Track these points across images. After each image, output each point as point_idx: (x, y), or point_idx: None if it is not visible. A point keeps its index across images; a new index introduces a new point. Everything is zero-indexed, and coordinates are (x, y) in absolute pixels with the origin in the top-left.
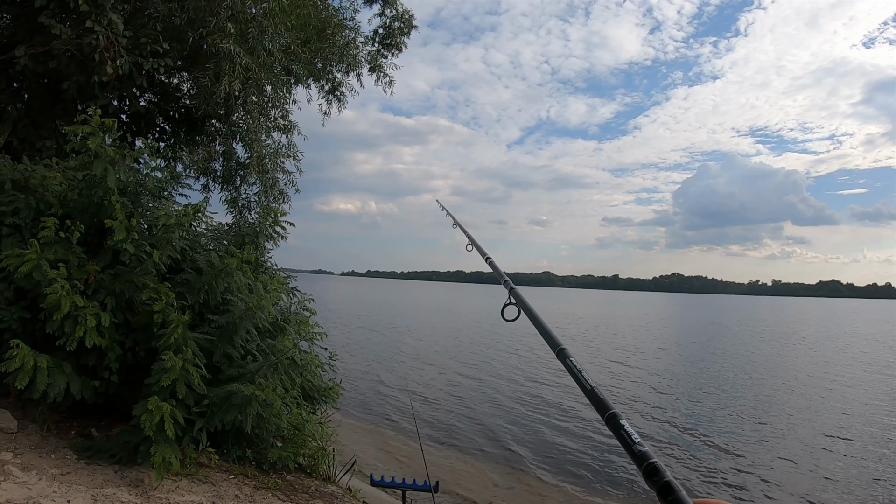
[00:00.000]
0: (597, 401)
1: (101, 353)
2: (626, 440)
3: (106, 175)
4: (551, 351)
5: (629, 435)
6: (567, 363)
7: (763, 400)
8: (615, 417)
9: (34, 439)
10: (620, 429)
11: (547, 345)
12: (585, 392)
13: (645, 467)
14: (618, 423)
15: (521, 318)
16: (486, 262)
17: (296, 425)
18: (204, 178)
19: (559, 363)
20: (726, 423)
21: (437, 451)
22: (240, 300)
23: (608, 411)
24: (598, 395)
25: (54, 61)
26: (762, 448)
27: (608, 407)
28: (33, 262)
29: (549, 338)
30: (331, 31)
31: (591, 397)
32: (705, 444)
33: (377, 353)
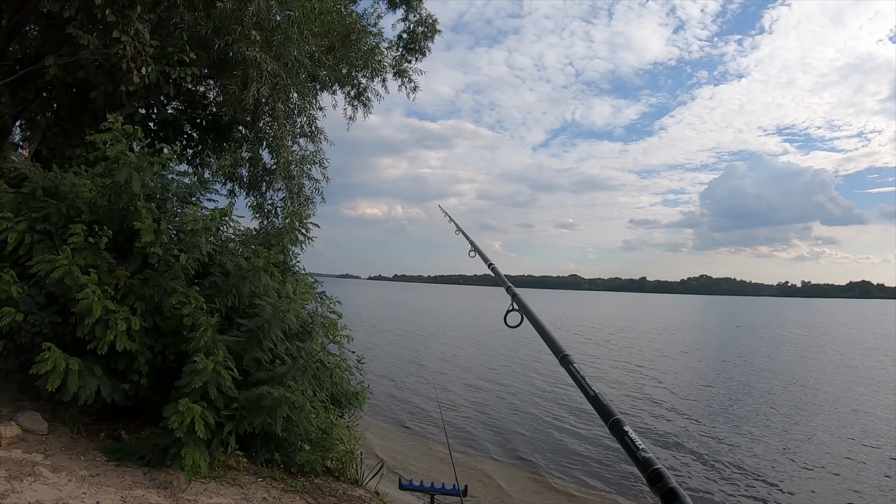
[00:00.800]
0: (600, 407)
1: (132, 356)
2: (629, 446)
3: (130, 181)
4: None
5: (633, 441)
6: (570, 369)
7: (789, 406)
8: (619, 424)
9: (64, 441)
10: (624, 435)
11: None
12: (589, 398)
13: (649, 473)
14: (621, 429)
15: (525, 324)
16: (489, 269)
17: (324, 429)
18: (230, 184)
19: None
20: (750, 430)
21: (465, 455)
22: (268, 303)
23: (612, 417)
24: (602, 402)
25: (82, 71)
26: (786, 458)
27: (612, 413)
28: (65, 268)
29: (552, 344)
30: (355, 37)
31: (594, 403)
32: (727, 453)
33: (404, 356)
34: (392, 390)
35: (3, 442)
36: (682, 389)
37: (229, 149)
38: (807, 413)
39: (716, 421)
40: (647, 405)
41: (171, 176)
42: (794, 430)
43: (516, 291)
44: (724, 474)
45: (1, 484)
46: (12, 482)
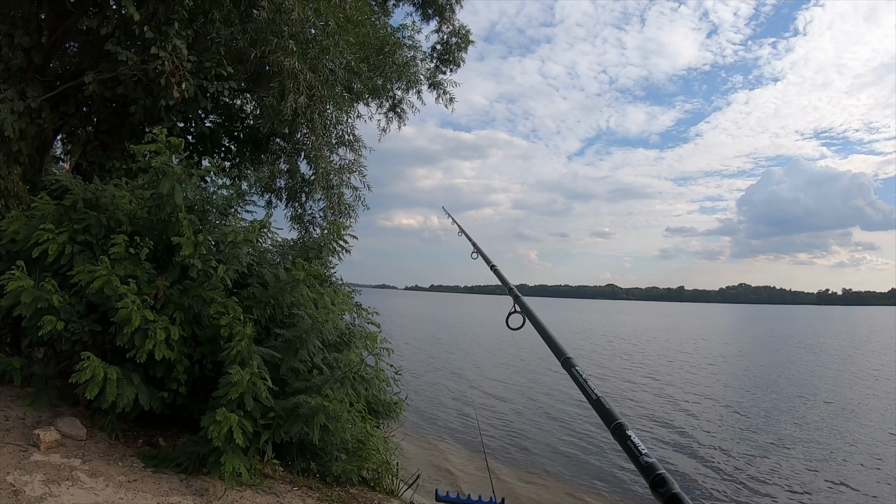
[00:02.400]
0: (602, 411)
1: (170, 365)
2: (632, 451)
3: (173, 192)
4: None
5: (636, 446)
6: (572, 372)
7: (824, 422)
8: (621, 428)
9: (102, 447)
10: (627, 439)
11: (553, 353)
12: (591, 402)
13: (652, 479)
14: (624, 433)
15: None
16: (491, 270)
17: (360, 438)
18: (268, 195)
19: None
20: (773, 444)
21: (502, 466)
22: (306, 314)
23: (614, 422)
24: (605, 405)
25: (121, 86)
26: (809, 474)
27: (614, 417)
28: (104, 278)
29: (555, 346)
30: (389, 49)
31: (597, 407)
32: (747, 466)
33: (441, 366)
34: (428, 401)
35: (42, 446)
36: (709, 401)
37: (267, 160)
38: (836, 428)
39: (738, 434)
40: (674, 417)
41: (211, 188)
42: (827, 446)
43: (518, 294)
44: (740, 486)
45: (39, 488)
46: (50, 486)
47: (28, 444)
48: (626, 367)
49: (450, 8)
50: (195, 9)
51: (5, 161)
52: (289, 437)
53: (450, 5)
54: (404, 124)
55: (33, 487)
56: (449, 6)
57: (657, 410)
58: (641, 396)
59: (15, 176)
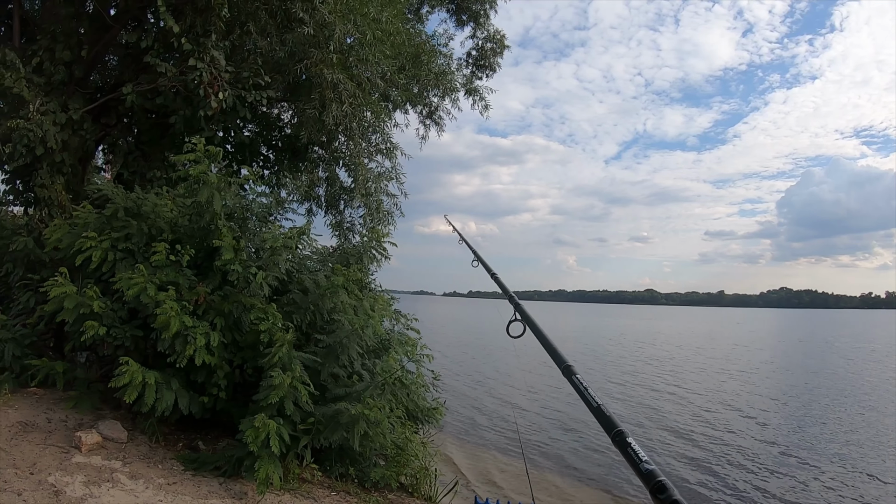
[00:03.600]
0: (603, 418)
1: (210, 370)
2: (632, 458)
3: (212, 200)
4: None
5: (636, 453)
6: (573, 380)
7: (853, 437)
8: (621, 435)
9: (143, 450)
10: (627, 447)
11: (554, 362)
12: (591, 409)
13: (653, 486)
14: (624, 440)
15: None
16: (492, 278)
17: (399, 444)
18: (308, 203)
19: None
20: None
21: (541, 473)
22: (346, 320)
23: (614, 429)
24: (605, 412)
25: (161, 97)
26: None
27: (615, 424)
28: (140, 286)
29: (555, 354)
30: (425, 58)
31: (597, 415)
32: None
33: (479, 372)
34: (468, 406)
35: (83, 448)
36: (733, 412)
37: (306, 169)
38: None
39: (758, 447)
40: (693, 427)
41: (251, 196)
42: (852, 465)
43: (519, 302)
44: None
45: (80, 489)
46: (91, 487)
47: (70, 446)
48: (653, 373)
49: (484, 14)
50: (232, 20)
51: (49, 171)
52: (329, 443)
53: (484, 11)
54: (442, 131)
55: (74, 488)
56: (483, 12)
57: (677, 419)
58: (663, 405)
59: (58, 186)
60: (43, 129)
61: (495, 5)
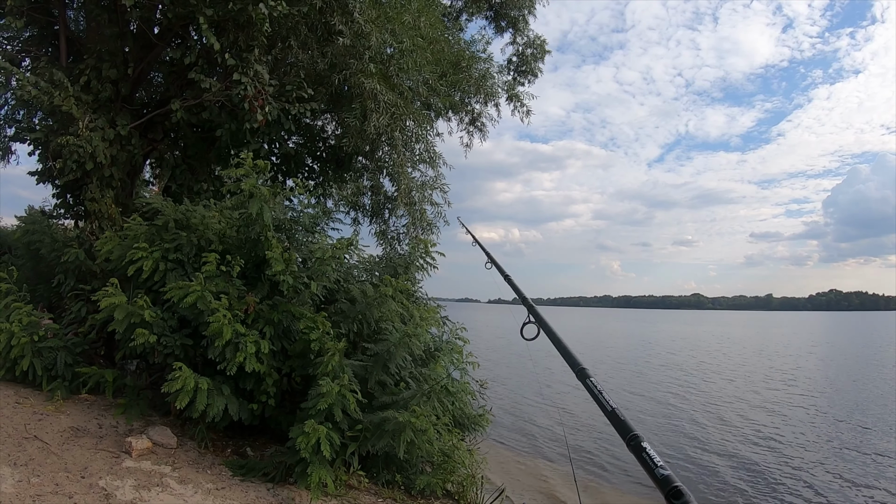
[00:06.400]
0: (618, 422)
1: (259, 377)
2: (647, 463)
3: (262, 213)
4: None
5: (651, 458)
6: (587, 383)
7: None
8: (637, 439)
9: (192, 455)
10: (642, 451)
11: (568, 365)
12: (606, 413)
13: (668, 491)
14: (639, 445)
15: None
16: (506, 280)
17: (446, 452)
18: (353, 212)
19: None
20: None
21: (590, 482)
22: (394, 328)
23: (630, 433)
24: (619, 417)
25: (206, 112)
26: None
27: (629, 429)
28: (197, 294)
29: (569, 357)
30: (465, 64)
31: (612, 419)
32: None
33: (527, 379)
34: (516, 414)
35: (133, 454)
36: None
37: (350, 178)
38: None
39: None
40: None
41: (298, 207)
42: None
43: (533, 304)
44: None
45: (130, 492)
46: (140, 491)
47: (120, 451)
48: (677, 380)
49: (522, 19)
50: (273, 35)
51: (98, 185)
52: (375, 450)
53: (522, 17)
54: (485, 138)
55: (124, 492)
56: (522, 17)
57: (694, 432)
58: (680, 414)
59: (108, 199)
60: (92, 145)
61: (534, 10)
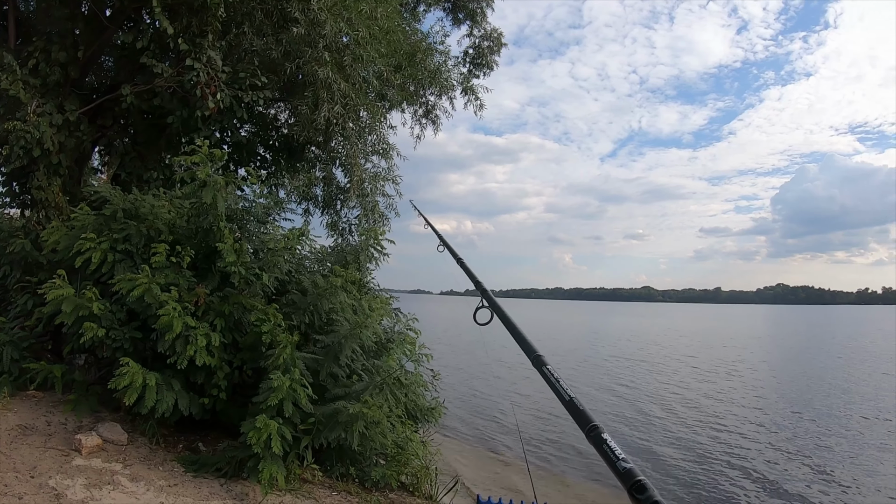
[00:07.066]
0: (576, 412)
1: (210, 371)
2: (608, 456)
3: (216, 202)
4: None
5: (612, 450)
6: (543, 371)
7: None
8: (596, 430)
9: (143, 452)
10: (603, 443)
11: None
12: (564, 402)
13: (631, 485)
14: (600, 436)
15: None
16: (458, 264)
17: (399, 444)
18: (305, 203)
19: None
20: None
21: (543, 471)
22: (345, 320)
23: (589, 423)
24: (578, 406)
25: (157, 98)
26: None
27: (589, 419)
28: (144, 287)
29: (525, 344)
30: (421, 56)
31: (570, 408)
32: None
33: (478, 371)
34: (468, 405)
35: (83, 451)
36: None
37: (303, 169)
38: None
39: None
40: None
41: (250, 196)
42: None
43: (486, 288)
44: None
45: (81, 492)
46: (91, 490)
47: (70, 449)
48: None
49: (480, 12)
50: (228, 20)
51: (45, 173)
52: (328, 442)
53: (480, 9)
54: (439, 130)
55: (75, 491)
56: (480, 10)
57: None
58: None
59: (55, 187)
60: (40, 131)
61: (492, 3)
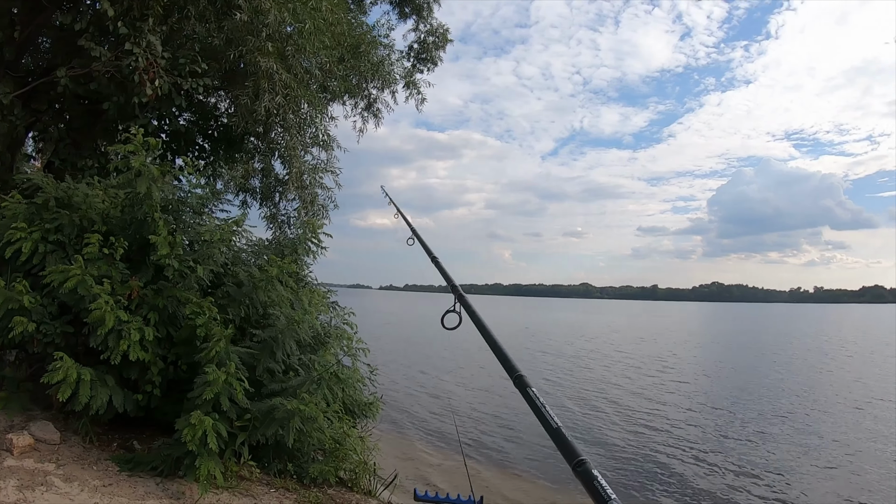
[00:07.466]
0: (563, 443)
1: (144, 366)
2: (599, 494)
3: (150, 192)
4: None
5: (603, 489)
6: (528, 394)
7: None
8: (584, 464)
9: (76, 451)
10: (593, 479)
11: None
12: (549, 431)
13: None
14: (590, 472)
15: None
16: (432, 262)
17: (337, 439)
18: (243, 195)
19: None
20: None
21: (480, 464)
22: (282, 314)
23: (576, 457)
24: (565, 438)
25: (94, 83)
26: None
27: (576, 452)
28: (78, 278)
29: (505, 361)
30: (365, 49)
31: (555, 438)
32: None
33: (416, 365)
34: (405, 399)
35: (15, 451)
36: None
37: (241, 160)
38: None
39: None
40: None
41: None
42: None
43: (463, 293)
44: None
45: (13, 493)
46: (24, 492)
47: (1, 450)
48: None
49: (427, 7)
50: (170, 5)
51: None
52: (265, 438)
53: (427, 4)
54: (380, 124)
55: (7, 493)
56: (426, 5)
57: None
58: None
59: None
60: None
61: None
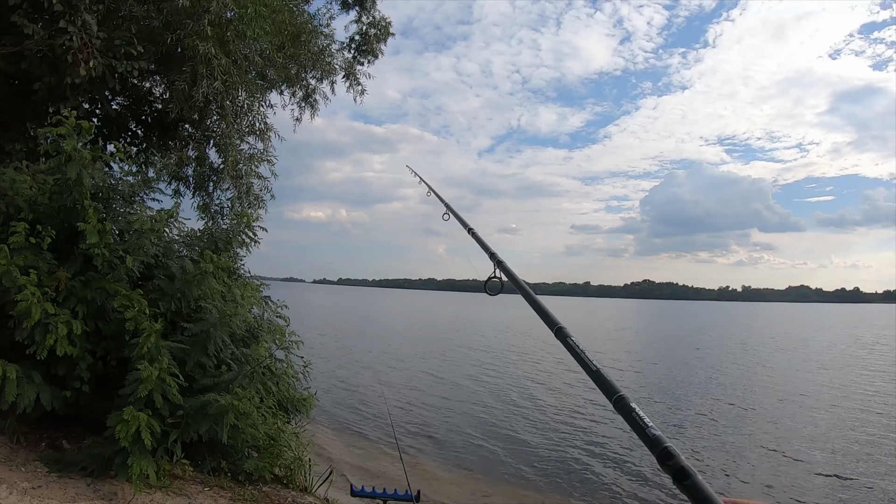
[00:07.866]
0: (602, 382)
1: (72, 362)
2: (637, 424)
3: (80, 178)
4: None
5: (641, 418)
6: (568, 343)
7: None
8: (623, 400)
9: (3, 452)
10: (632, 412)
11: (544, 323)
12: (590, 373)
13: (660, 452)
14: (628, 405)
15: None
16: (469, 234)
17: (271, 435)
18: (175, 183)
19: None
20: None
21: (415, 459)
22: (214, 307)
23: (616, 393)
24: (604, 377)
25: (26, 62)
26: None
27: (615, 389)
28: (3, 268)
29: (546, 316)
30: (305, 38)
31: (595, 378)
32: None
33: (351, 360)
34: (340, 395)
35: None
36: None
37: (175, 147)
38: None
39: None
40: None
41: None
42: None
43: (501, 259)
44: None
45: None
46: None
47: None
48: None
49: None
50: None
51: None
52: (198, 436)
53: None
54: (317, 114)
55: None
56: None
57: None
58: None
59: None
60: None
61: None
